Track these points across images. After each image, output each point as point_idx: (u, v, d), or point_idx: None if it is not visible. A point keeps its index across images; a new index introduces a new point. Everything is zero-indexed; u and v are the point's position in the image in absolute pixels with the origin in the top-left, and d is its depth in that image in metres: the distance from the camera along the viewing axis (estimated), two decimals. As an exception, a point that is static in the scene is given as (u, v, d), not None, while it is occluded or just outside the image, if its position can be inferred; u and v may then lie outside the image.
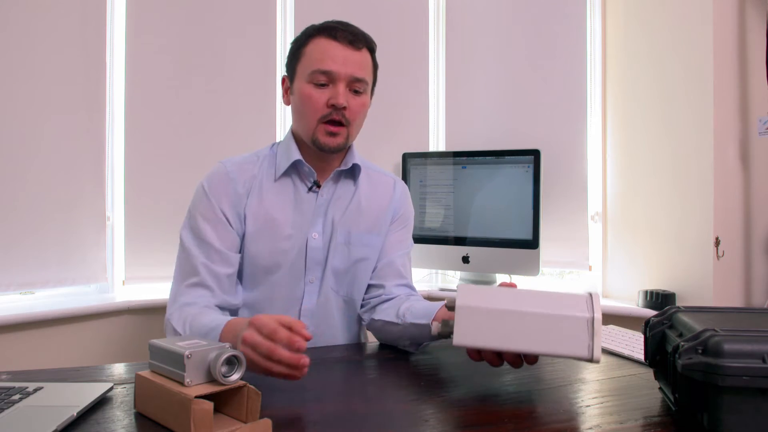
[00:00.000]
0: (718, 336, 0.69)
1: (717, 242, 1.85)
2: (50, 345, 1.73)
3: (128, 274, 1.93)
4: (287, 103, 1.24)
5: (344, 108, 1.14)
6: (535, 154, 2.00)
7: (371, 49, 1.20)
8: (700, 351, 0.69)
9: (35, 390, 0.78)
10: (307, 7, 2.14)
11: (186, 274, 1.13)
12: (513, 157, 2.05)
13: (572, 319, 0.78)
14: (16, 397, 0.75)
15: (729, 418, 0.67)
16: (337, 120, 1.14)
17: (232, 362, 0.70)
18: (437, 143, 2.35)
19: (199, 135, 2.01)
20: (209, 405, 0.65)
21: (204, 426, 0.64)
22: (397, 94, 2.26)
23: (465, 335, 0.81)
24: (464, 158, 2.13)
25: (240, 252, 1.17)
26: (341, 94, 1.13)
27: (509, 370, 0.96)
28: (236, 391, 0.69)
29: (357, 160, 1.24)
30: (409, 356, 1.09)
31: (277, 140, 1.29)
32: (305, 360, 0.79)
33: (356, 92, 1.16)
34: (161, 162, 1.97)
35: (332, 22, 1.18)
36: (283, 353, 0.79)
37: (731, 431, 0.67)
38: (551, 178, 2.10)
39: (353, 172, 1.25)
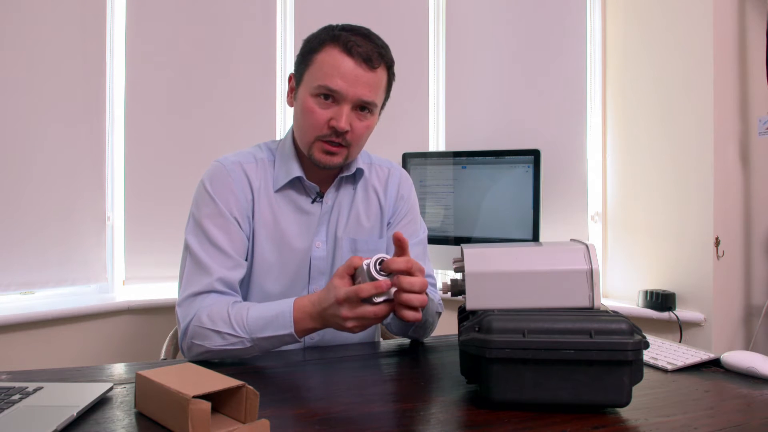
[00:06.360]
0: (491, 316, 0.78)
1: (717, 242, 1.85)
2: (50, 345, 1.73)
3: (128, 274, 1.94)
4: (290, 104, 1.15)
5: (346, 132, 1.05)
6: (535, 154, 2.00)
7: (389, 65, 1.11)
8: (477, 329, 0.78)
9: (35, 390, 0.78)
10: (307, 6, 2.14)
11: (198, 282, 1.04)
12: (513, 157, 2.05)
13: (573, 273, 0.83)
14: (16, 397, 0.75)
15: (497, 385, 0.76)
16: (337, 142, 1.06)
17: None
18: (437, 143, 2.35)
19: (199, 135, 2.01)
20: (207, 405, 0.65)
21: (202, 426, 0.64)
22: (397, 94, 2.24)
23: (476, 299, 0.85)
24: (464, 158, 2.13)
25: (246, 258, 1.12)
26: (344, 118, 1.04)
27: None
28: (235, 391, 0.69)
29: (360, 164, 1.19)
30: (408, 356, 1.09)
31: (277, 138, 1.23)
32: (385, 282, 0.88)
33: (362, 112, 1.07)
34: (161, 162, 1.97)
35: (351, 30, 1.07)
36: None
37: (499, 397, 0.76)
38: (551, 178, 2.10)
39: (354, 176, 1.20)
